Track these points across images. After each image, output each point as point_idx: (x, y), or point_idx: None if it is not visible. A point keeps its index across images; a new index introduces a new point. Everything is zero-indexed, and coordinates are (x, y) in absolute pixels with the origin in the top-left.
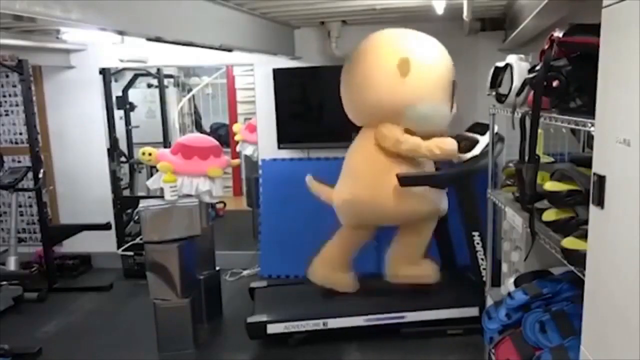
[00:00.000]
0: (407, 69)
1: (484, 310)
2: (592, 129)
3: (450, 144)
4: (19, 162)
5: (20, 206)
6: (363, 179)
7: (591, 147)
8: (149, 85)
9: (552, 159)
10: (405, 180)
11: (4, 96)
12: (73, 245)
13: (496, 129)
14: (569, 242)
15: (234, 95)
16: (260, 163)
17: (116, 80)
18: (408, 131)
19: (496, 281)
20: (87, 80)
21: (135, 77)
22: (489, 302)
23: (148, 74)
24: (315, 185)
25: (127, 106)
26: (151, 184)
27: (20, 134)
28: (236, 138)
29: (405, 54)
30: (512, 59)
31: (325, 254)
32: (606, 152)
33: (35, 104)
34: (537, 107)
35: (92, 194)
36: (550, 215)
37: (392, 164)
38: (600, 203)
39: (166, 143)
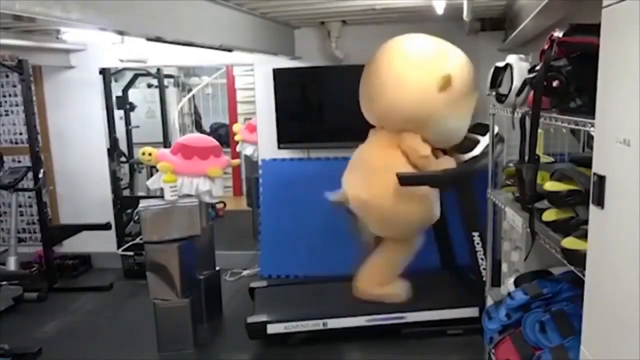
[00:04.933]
0: (447, 85)
1: (484, 310)
2: (592, 129)
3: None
4: (19, 162)
5: (20, 206)
6: (378, 176)
7: (591, 147)
8: (149, 85)
9: (552, 159)
10: (405, 180)
11: (4, 96)
12: (73, 245)
13: (496, 129)
14: (569, 242)
15: (234, 95)
16: (260, 163)
17: (116, 80)
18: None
19: (496, 281)
20: (87, 80)
21: (135, 77)
22: (489, 302)
23: (148, 74)
24: (335, 196)
25: (127, 106)
26: (151, 184)
27: (20, 134)
28: (236, 138)
29: (448, 70)
30: (512, 59)
31: (369, 269)
32: (606, 152)
33: (35, 104)
34: (537, 107)
35: (92, 194)
36: (550, 215)
37: (408, 165)
38: (600, 203)
39: (166, 143)
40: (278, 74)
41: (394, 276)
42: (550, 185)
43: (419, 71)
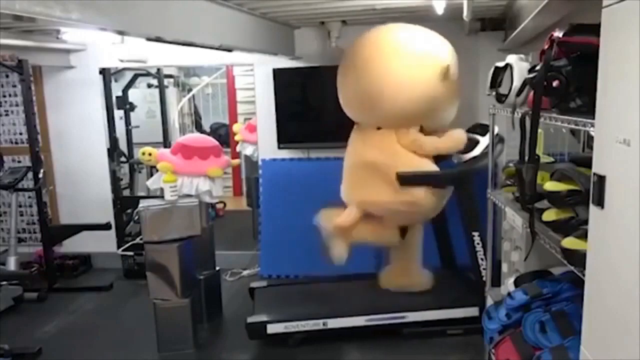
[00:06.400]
0: (448, 75)
1: (484, 310)
2: (592, 129)
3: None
4: (19, 162)
5: (20, 206)
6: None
7: (591, 147)
8: (149, 85)
9: (552, 159)
10: (405, 179)
11: (4, 96)
12: (73, 245)
13: (497, 129)
14: (569, 242)
15: (234, 95)
16: (260, 163)
17: (116, 80)
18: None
19: (496, 281)
20: (87, 80)
21: (135, 77)
22: (489, 302)
23: (148, 74)
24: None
25: (127, 106)
26: (151, 184)
27: (20, 134)
28: (236, 138)
29: (444, 60)
30: (512, 59)
31: (393, 263)
32: (606, 152)
33: (35, 104)
34: (537, 107)
35: (92, 194)
36: (550, 215)
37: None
38: (600, 203)
39: (166, 143)
40: (278, 74)
41: (419, 266)
42: (550, 185)
43: (420, 69)
